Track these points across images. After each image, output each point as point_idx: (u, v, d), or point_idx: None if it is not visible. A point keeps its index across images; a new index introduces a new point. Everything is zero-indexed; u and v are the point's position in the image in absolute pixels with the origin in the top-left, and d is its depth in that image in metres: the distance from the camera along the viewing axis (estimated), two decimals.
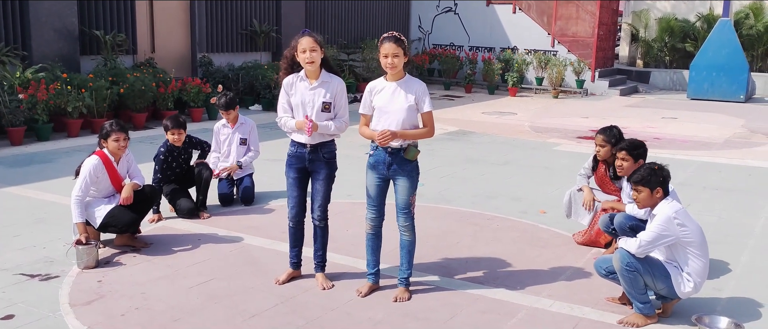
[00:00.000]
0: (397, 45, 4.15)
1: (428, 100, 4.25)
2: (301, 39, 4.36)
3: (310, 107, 4.40)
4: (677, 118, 13.55)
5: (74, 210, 4.99)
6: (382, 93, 4.26)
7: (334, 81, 4.44)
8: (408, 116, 4.20)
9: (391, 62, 4.17)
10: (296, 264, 4.73)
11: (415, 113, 4.24)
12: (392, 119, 4.19)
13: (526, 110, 14.53)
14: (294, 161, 4.53)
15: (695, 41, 19.47)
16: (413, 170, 4.30)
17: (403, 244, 4.44)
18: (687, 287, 4.06)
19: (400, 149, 4.23)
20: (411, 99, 4.20)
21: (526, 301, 4.45)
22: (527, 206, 6.76)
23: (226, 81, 13.20)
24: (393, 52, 4.15)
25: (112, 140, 5.15)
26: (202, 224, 5.91)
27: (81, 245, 4.82)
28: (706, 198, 7.22)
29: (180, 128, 6.09)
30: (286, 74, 4.47)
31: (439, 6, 19.64)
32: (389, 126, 4.17)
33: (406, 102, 4.19)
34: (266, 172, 7.98)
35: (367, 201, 4.42)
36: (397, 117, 4.19)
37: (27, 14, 10.63)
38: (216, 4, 13.95)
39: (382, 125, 4.21)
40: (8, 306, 4.17)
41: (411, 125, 4.22)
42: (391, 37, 4.18)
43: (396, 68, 4.20)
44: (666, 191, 4.12)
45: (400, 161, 4.24)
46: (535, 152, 9.67)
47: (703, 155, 9.67)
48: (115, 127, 5.19)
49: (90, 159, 5.14)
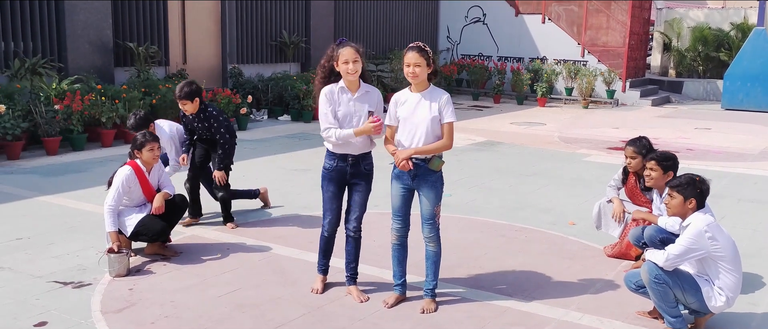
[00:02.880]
0: (420, 55, 4.14)
1: (451, 110, 4.22)
2: (341, 50, 4.28)
3: (357, 117, 4.36)
4: (711, 129, 13.32)
5: (107, 219, 5.09)
6: (406, 104, 4.26)
7: (374, 92, 4.45)
8: (432, 127, 4.19)
9: (413, 72, 4.16)
10: (326, 270, 4.75)
11: (439, 123, 4.22)
12: (416, 129, 4.20)
13: (556, 120, 14.41)
14: (335, 175, 4.47)
15: (729, 51, 19.13)
16: (437, 180, 4.29)
17: (429, 255, 4.42)
18: (718, 301, 3.97)
19: (424, 160, 4.23)
20: (435, 110, 4.19)
21: (554, 314, 4.40)
22: (556, 218, 6.69)
23: (255, 92, 13.35)
24: (415, 62, 4.14)
25: (147, 150, 5.26)
26: (230, 234, 5.97)
27: (113, 253, 4.91)
28: (740, 211, 7.07)
29: (186, 99, 5.83)
30: (323, 84, 4.43)
31: (468, 16, 19.63)
32: (413, 136, 4.20)
33: (430, 113, 4.18)
34: (295, 181, 8.04)
35: (393, 212, 4.42)
36: (420, 128, 4.19)
37: (63, 27, 10.90)
38: (247, 16, 14.14)
39: (406, 136, 4.23)
40: (42, 313, 4.26)
41: (435, 136, 4.21)
42: (414, 46, 4.17)
43: (418, 78, 4.19)
44: (700, 205, 4.05)
45: (425, 171, 4.24)
46: (564, 163, 9.58)
47: (738, 167, 9.48)
48: (148, 137, 5.31)
49: (123, 170, 5.24)
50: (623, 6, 17.36)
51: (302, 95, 12.99)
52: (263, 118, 13.28)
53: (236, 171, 8.52)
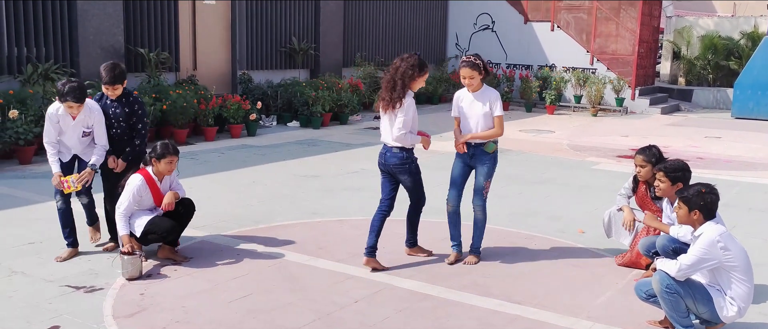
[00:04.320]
0: (472, 69, 5.22)
1: (499, 105, 5.30)
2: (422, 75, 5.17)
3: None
4: (721, 137, 13.27)
5: (119, 223, 5.13)
6: (464, 102, 5.38)
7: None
8: (484, 120, 5.28)
9: (468, 82, 5.29)
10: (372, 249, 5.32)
11: (491, 116, 5.27)
12: (472, 122, 5.33)
13: (565, 128, 14.39)
14: None
15: (739, 59, 19.06)
16: (490, 160, 5.36)
17: (476, 221, 5.47)
18: (730, 311, 3.96)
19: (480, 145, 5.30)
20: (486, 107, 5.28)
21: (565, 322, 4.40)
22: (565, 226, 6.68)
23: (264, 98, 13.41)
24: (469, 75, 5.25)
25: (166, 162, 5.26)
26: (242, 240, 5.99)
27: (126, 255, 4.95)
28: (751, 220, 7.04)
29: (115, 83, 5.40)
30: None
31: (477, 23, 19.65)
32: (471, 126, 5.31)
33: (482, 110, 5.28)
34: (304, 187, 8.07)
35: (450, 183, 5.44)
36: (475, 121, 5.31)
37: (76, 33, 10.99)
38: (257, 23, 14.21)
39: (466, 126, 5.36)
40: (54, 317, 4.29)
41: (486, 126, 5.30)
42: (467, 62, 5.24)
43: (472, 86, 5.29)
44: (706, 216, 4.03)
45: (480, 152, 5.35)
46: (573, 171, 9.56)
47: (748, 176, 9.44)
48: (171, 150, 5.28)
49: (134, 178, 5.27)
50: (632, 14, 17.34)
51: (311, 101, 13.04)
52: (272, 124, 13.32)
53: (246, 177, 8.59)
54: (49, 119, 5.33)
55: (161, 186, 5.37)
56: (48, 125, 5.33)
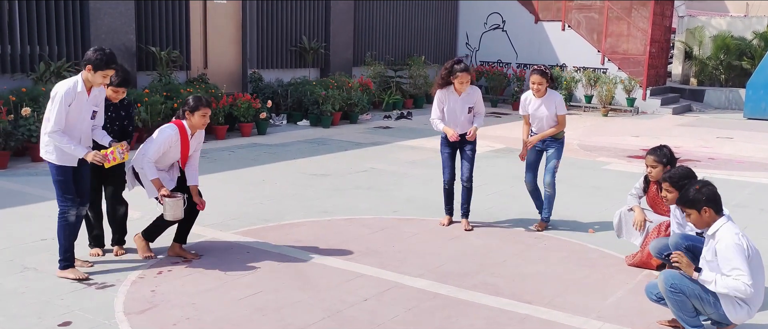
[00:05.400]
0: (542, 76, 6.14)
1: (563, 105, 6.29)
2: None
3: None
4: (733, 138, 13.18)
5: (148, 170, 5.07)
6: (532, 104, 6.33)
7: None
8: (548, 120, 6.28)
9: (537, 88, 6.19)
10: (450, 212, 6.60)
11: (555, 116, 6.25)
12: (540, 123, 6.32)
13: (575, 127, 14.33)
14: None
15: (752, 59, 18.92)
16: (559, 143, 6.38)
17: (547, 196, 6.45)
18: (739, 312, 3.93)
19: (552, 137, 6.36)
20: (551, 109, 6.23)
21: (574, 322, 4.38)
22: (576, 225, 6.66)
23: (275, 97, 13.44)
24: (538, 82, 6.15)
25: (200, 114, 5.16)
26: (251, 238, 6.01)
27: (168, 198, 4.98)
28: (763, 221, 6.99)
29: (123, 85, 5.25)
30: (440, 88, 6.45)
31: (487, 23, 19.62)
32: (544, 126, 6.30)
33: (548, 112, 6.24)
34: (314, 186, 8.08)
35: (526, 168, 6.50)
36: (542, 122, 6.31)
37: (88, 31, 11.06)
38: (267, 22, 14.24)
39: (535, 125, 6.37)
40: (66, 313, 4.33)
41: (550, 125, 6.31)
42: (538, 70, 6.18)
43: (540, 91, 6.20)
44: (717, 210, 4.01)
45: (551, 140, 6.36)
46: (583, 171, 9.53)
47: (761, 177, 9.37)
48: (204, 102, 5.20)
49: (167, 129, 5.16)
50: (644, 14, 17.26)
51: (321, 100, 13.05)
52: (282, 123, 13.35)
53: (256, 176, 8.62)
54: (64, 99, 4.65)
55: (192, 141, 5.25)
56: (60, 106, 4.65)
